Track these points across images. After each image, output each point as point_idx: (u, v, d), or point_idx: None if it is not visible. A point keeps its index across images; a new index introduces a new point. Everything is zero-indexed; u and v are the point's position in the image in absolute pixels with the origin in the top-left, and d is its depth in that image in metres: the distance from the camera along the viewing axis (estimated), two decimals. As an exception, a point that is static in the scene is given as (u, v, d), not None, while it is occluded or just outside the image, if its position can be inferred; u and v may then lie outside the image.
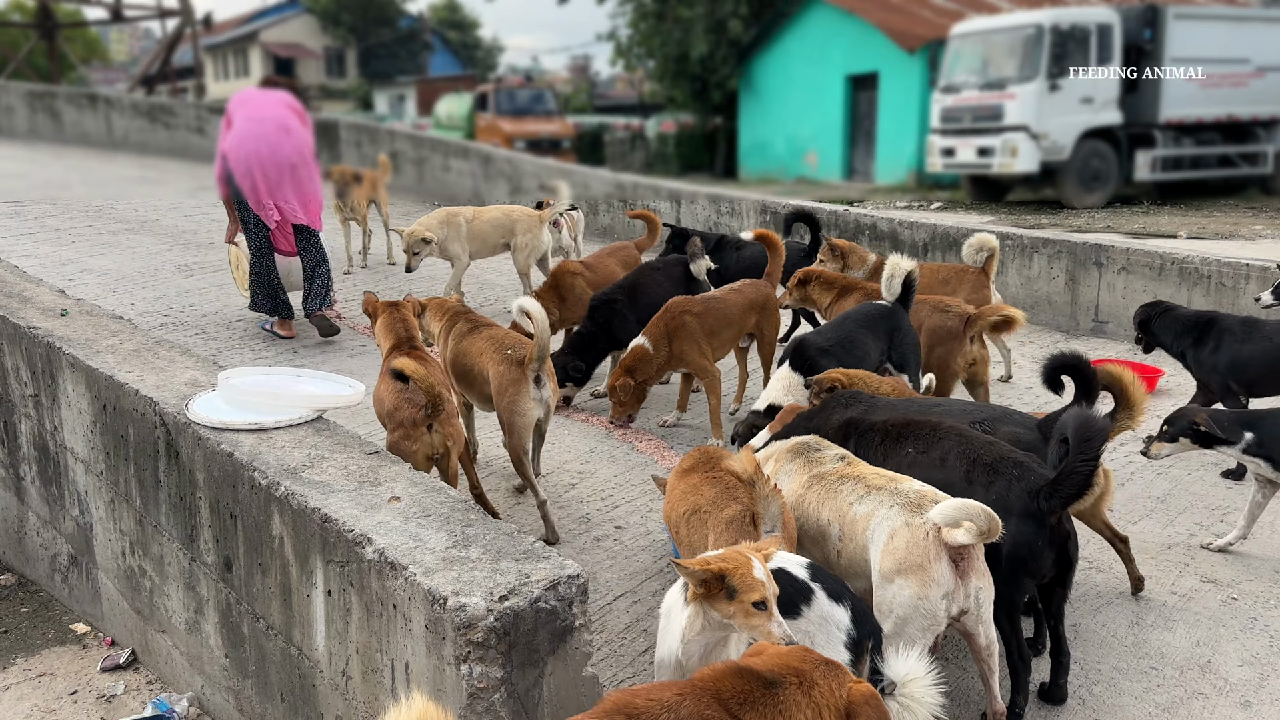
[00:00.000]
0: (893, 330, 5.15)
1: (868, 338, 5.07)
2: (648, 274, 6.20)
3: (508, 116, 27.32)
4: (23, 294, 4.51)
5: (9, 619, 4.34)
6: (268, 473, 2.96)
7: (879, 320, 5.16)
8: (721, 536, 3.07)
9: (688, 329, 5.39)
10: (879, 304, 5.27)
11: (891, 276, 5.20)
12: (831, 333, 5.09)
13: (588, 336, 5.90)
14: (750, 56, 25.70)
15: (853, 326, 5.12)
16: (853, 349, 4.96)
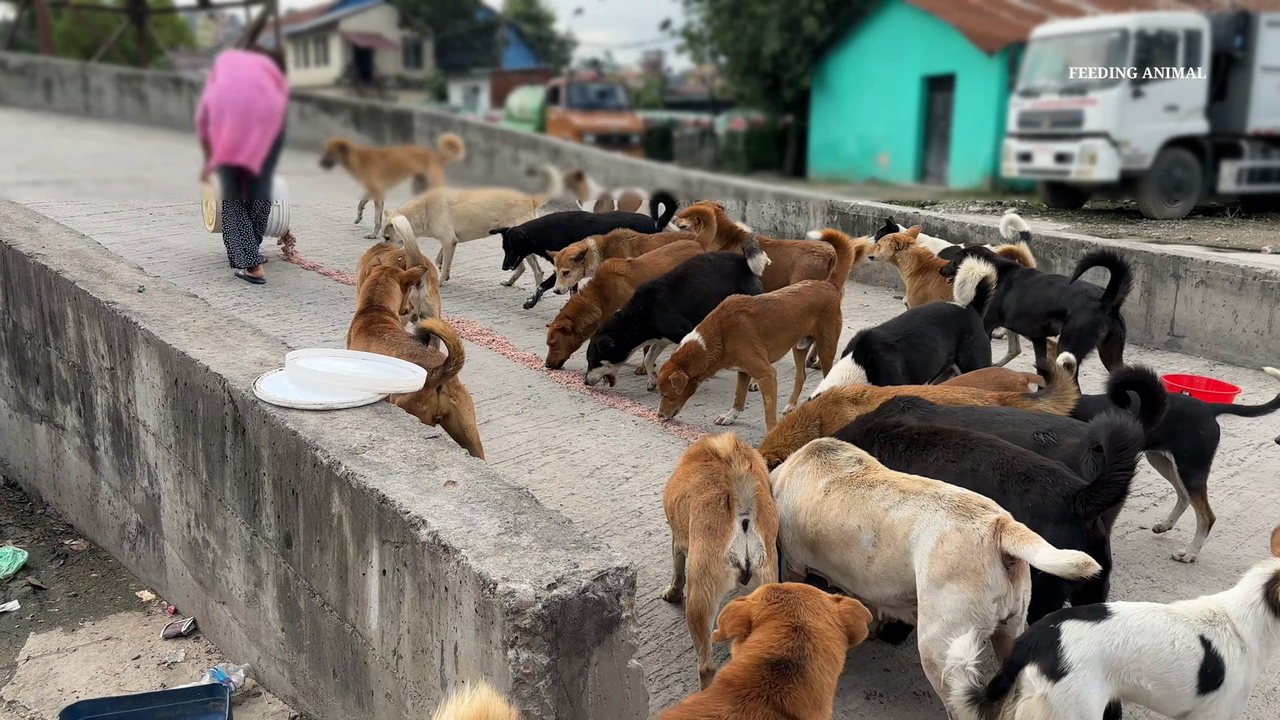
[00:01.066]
0: (963, 332, 5.10)
1: (936, 335, 5.01)
2: (697, 266, 6.18)
3: (579, 110, 27.48)
4: (103, 270, 4.67)
5: (79, 583, 4.50)
6: (329, 452, 3.03)
7: (950, 320, 5.10)
8: (698, 519, 3.12)
9: (741, 328, 5.37)
10: (952, 304, 5.21)
11: (965, 281, 5.15)
12: (899, 327, 5.04)
13: (625, 319, 5.98)
14: (824, 54, 25.46)
15: (922, 322, 5.07)
16: (919, 345, 4.91)
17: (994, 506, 2.91)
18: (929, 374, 4.98)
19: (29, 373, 4.96)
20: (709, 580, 3.04)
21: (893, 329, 5.02)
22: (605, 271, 6.48)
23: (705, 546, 3.07)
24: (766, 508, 3.17)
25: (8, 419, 5.30)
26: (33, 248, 4.84)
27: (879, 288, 9.25)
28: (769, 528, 3.14)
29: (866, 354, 4.79)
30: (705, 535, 3.09)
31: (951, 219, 9.29)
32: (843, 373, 4.80)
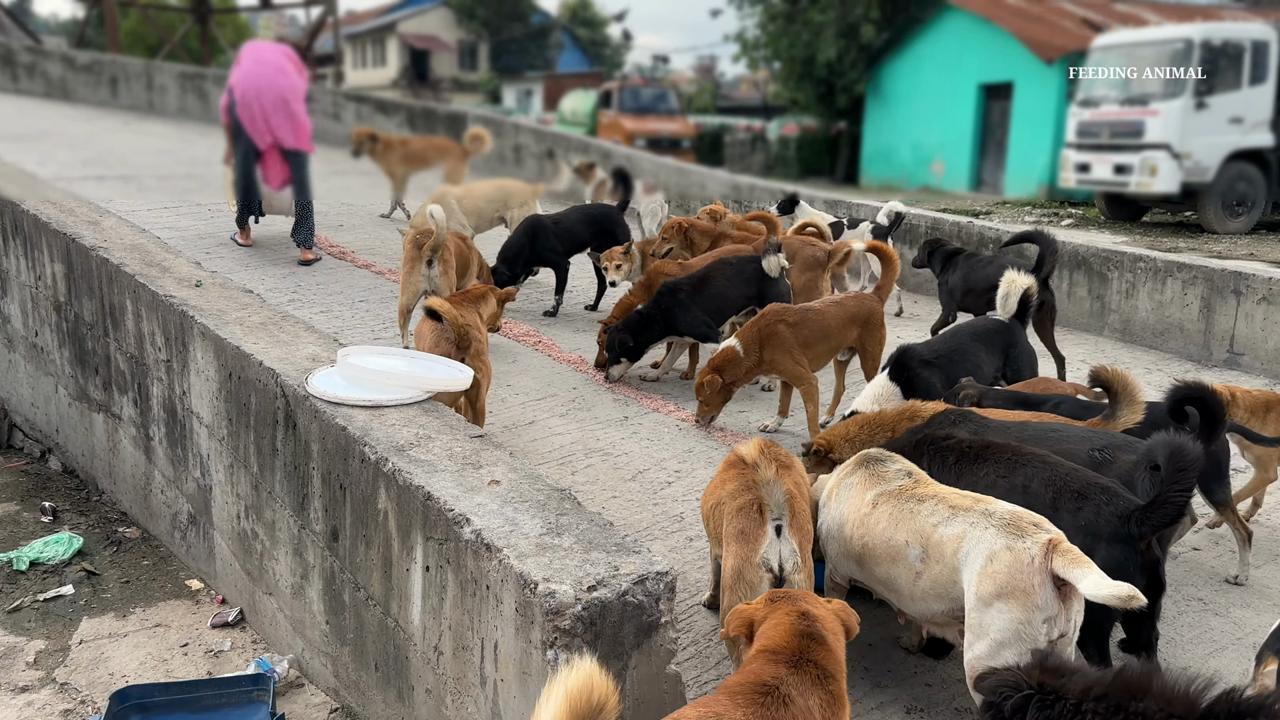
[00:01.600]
0: (1008, 346, 5.01)
1: (980, 351, 4.93)
2: (720, 269, 6.20)
3: (630, 114, 27.53)
4: (162, 264, 4.77)
5: (131, 570, 4.60)
6: (377, 448, 3.06)
7: (994, 335, 5.02)
8: (731, 525, 3.12)
9: (780, 337, 5.34)
10: (995, 319, 5.13)
11: (1007, 294, 5.06)
12: (940, 344, 4.97)
13: (645, 316, 6.01)
14: (880, 61, 25.25)
15: (965, 339, 4.99)
16: (961, 362, 4.83)
17: (1046, 525, 2.86)
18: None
19: (88, 363, 5.08)
20: (743, 585, 3.03)
21: (933, 345, 4.96)
22: (654, 272, 6.50)
23: (738, 552, 3.06)
24: (801, 514, 3.15)
25: (67, 407, 5.44)
26: (95, 241, 4.97)
27: (929, 298, 9.14)
28: (803, 533, 3.12)
29: (903, 371, 4.72)
30: (738, 541, 3.08)
31: (1006, 229, 9.15)
32: (877, 390, 4.73)
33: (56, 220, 5.25)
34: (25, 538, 4.91)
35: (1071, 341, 7.87)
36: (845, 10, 24.89)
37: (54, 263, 5.22)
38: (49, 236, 5.22)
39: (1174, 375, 6.93)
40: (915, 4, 24.35)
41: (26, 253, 5.49)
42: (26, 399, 5.89)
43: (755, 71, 34.01)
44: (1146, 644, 3.17)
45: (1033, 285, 5.09)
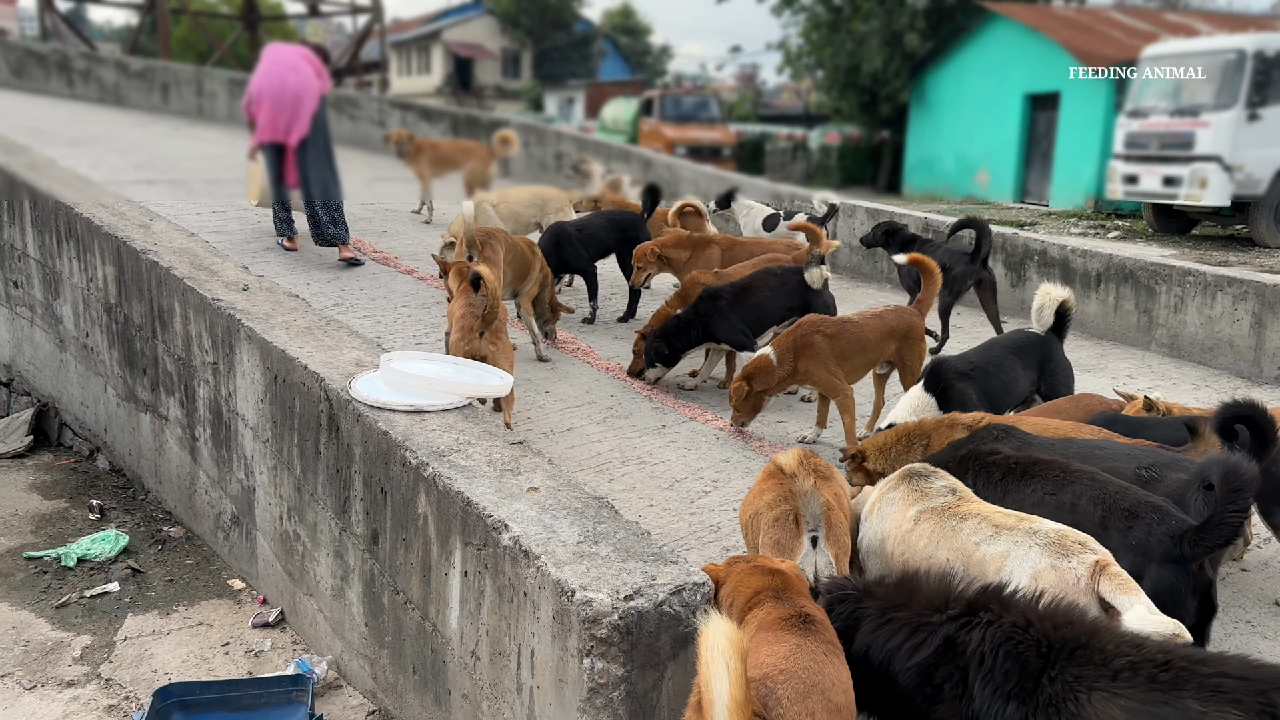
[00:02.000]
0: (1044, 360, 4.96)
1: (1015, 365, 4.87)
2: (762, 278, 6.18)
3: (671, 122, 27.57)
4: (210, 268, 4.85)
5: (175, 569, 4.67)
6: (418, 453, 3.09)
7: (1029, 349, 4.97)
8: (767, 535, 3.13)
9: (815, 349, 5.31)
10: (1031, 332, 5.07)
11: (1042, 307, 5.00)
12: (975, 357, 4.92)
13: (683, 322, 6.01)
14: (924, 70, 25.07)
15: (1000, 352, 4.94)
16: (998, 375, 4.78)
17: (1092, 544, 2.82)
18: (1008, 404, 4.85)
19: (137, 364, 5.18)
20: None
21: (968, 358, 4.92)
22: (691, 281, 6.49)
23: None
24: (838, 526, 3.14)
25: (115, 407, 5.54)
26: (146, 244, 5.06)
27: (972, 308, 9.06)
28: (839, 545, 3.11)
29: (938, 383, 4.67)
30: (774, 551, 3.08)
31: (1052, 241, 9.04)
32: (912, 401, 4.69)
33: (108, 224, 5.36)
34: (73, 534, 5.01)
35: (1117, 356, 7.75)
36: (890, 19, 24.75)
37: (105, 265, 5.32)
38: (101, 239, 5.33)
39: (1223, 392, 6.80)
40: (961, 13, 24.16)
41: (79, 255, 5.61)
42: (76, 398, 6.01)
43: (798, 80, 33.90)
44: None
45: (1070, 298, 5.04)
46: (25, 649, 3.98)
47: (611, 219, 7.75)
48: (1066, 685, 2.11)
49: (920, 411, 4.60)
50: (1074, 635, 2.25)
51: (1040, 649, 2.25)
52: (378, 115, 15.85)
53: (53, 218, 5.80)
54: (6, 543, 4.92)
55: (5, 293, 6.53)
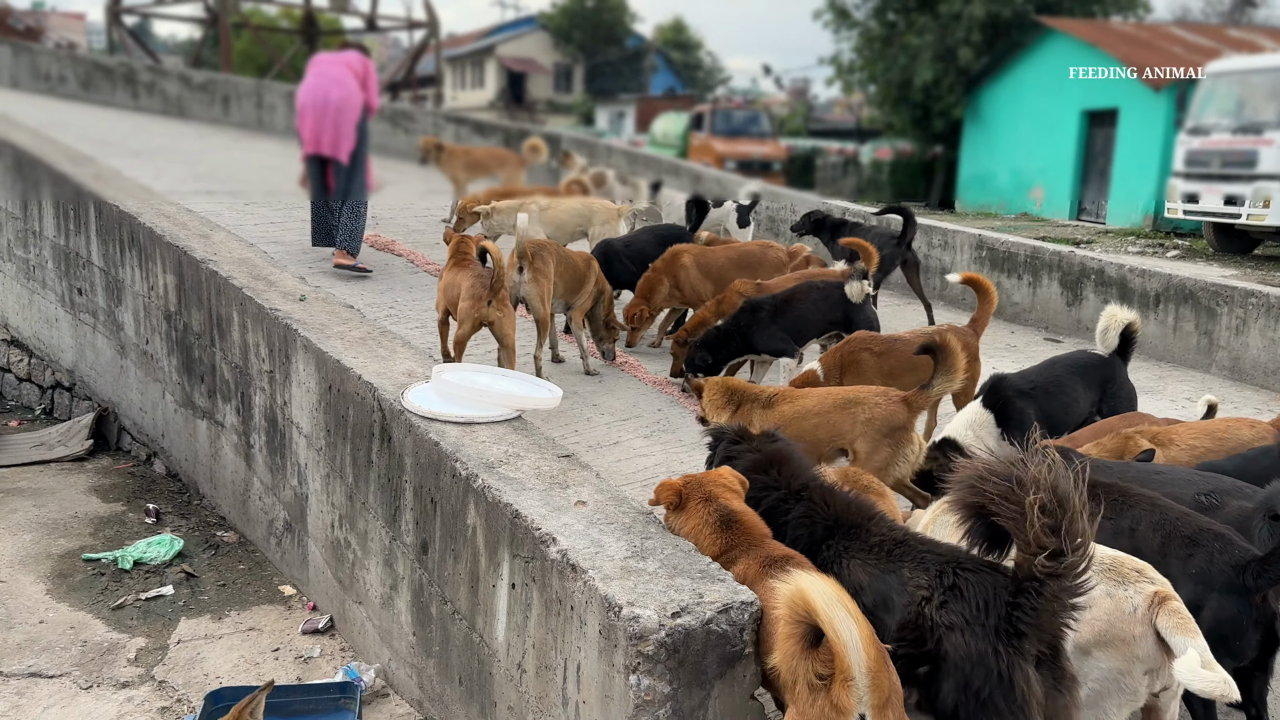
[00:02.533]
0: (1106, 382, 4.87)
1: (1076, 385, 4.80)
2: (805, 291, 6.16)
3: (721, 137, 27.56)
4: (268, 278, 4.94)
5: (228, 574, 4.75)
6: (468, 464, 3.11)
7: (1091, 370, 4.89)
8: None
9: (862, 366, 5.26)
10: (1094, 353, 4.99)
11: (1107, 328, 4.91)
12: (1035, 375, 4.86)
13: (724, 333, 6.01)
14: (978, 85, 24.81)
15: (1061, 371, 4.87)
16: (1057, 394, 4.71)
17: (1149, 573, 2.75)
18: (1068, 425, 4.76)
19: (195, 371, 5.28)
20: None
21: (1028, 376, 4.85)
22: (731, 291, 6.50)
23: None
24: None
25: (173, 413, 5.66)
26: (206, 254, 5.17)
27: (1027, 327, 8.93)
28: None
29: (997, 399, 4.62)
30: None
31: (1109, 259, 8.88)
32: (968, 418, 4.63)
33: (170, 233, 5.49)
34: (130, 537, 5.11)
35: (1176, 378, 7.58)
36: (943, 34, 24.55)
37: (166, 274, 5.44)
38: (162, 249, 5.45)
39: (1287, 416, 6.62)
40: (1016, 28, 23.89)
41: (141, 264, 5.74)
42: (135, 404, 6.15)
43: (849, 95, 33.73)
44: (1257, 701, 3.01)
45: (1136, 321, 4.95)
46: (82, 649, 4.07)
47: (659, 235, 7.77)
48: (836, 553, 2.81)
49: (977, 426, 4.55)
50: (854, 520, 2.88)
51: (827, 525, 2.90)
52: (433, 129, 16.05)
53: (116, 227, 5.95)
54: (66, 544, 5.04)
55: (70, 299, 6.71)
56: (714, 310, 6.42)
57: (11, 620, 4.27)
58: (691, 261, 7.03)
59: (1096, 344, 4.99)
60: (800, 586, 2.11)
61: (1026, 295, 9.08)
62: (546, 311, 5.99)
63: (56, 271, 6.80)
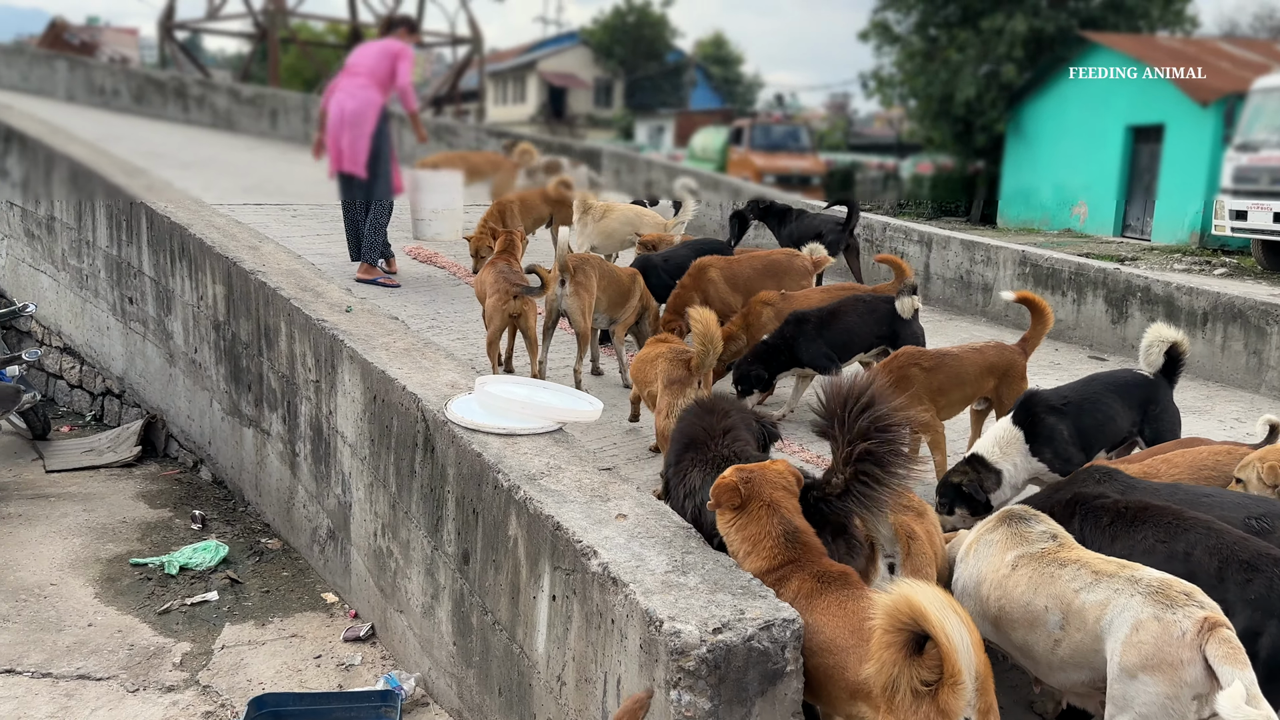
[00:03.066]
0: (1147, 403, 4.76)
1: (1115, 404, 4.70)
2: (851, 304, 6.13)
3: (760, 151, 27.55)
4: (315, 289, 5.02)
5: (272, 580, 4.81)
6: (510, 476, 3.14)
7: (1132, 389, 4.78)
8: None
9: (910, 381, 5.20)
10: (1137, 372, 4.90)
11: (1151, 346, 4.81)
12: (1070, 392, 4.78)
13: (771, 347, 5.99)
14: (1021, 100, 24.61)
15: (1099, 389, 4.78)
16: (1092, 411, 4.61)
17: (1199, 596, 2.70)
18: (1103, 444, 4.67)
19: (242, 380, 5.37)
20: None
21: (1062, 392, 4.77)
22: (756, 301, 6.49)
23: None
24: (918, 555, 3.12)
25: (220, 421, 5.75)
26: (255, 265, 5.26)
27: (1071, 345, 8.82)
28: (918, 575, 3.08)
29: (1027, 415, 4.54)
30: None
31: (1155, 277, 8.75)
32: (999, 433, 4.57)
33: (220, 244, 5.59)
34: (176, 543, 5.20)
35: (1224, 398, 7.45)
36: (985, 49, 24.38)
37: (215, 284, 5.55)
38: (212, 259, 5.56)
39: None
40: (1060, 43, 23.68)
41: (191, 274, 5.85)
42: (183, 411, 6.26)
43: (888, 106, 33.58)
44: None
45: (1183, 341, 4.85)
46: (130, 653, 4.14)
47: (698, 249, 7.78)
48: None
49: (1005, 443, 4.49)
50: (733, 457, 3.20)
51: (718, 465, 3.13)
52: (475, 143, 16.21)
53: (168, 237, 6.07)
54: (115, 548, 5.14)
55: (121, 308, 6.85)
56: (740, 324, 6.40)
57: (62, 623, 4.36)
58: (719, 275, 7.02)
59: (1140, 362, 4.90)
60: (907, 594, 2.13)
61: (1070, 313, 8.98)
62: (587, 325, 6.02)
63: (108, 281, 6.95)
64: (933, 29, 26.68)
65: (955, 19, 25.70)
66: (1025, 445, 4.46)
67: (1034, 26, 24.00)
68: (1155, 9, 25.62)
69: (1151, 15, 25.67)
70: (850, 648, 2.46)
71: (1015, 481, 4.48)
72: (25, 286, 8.13)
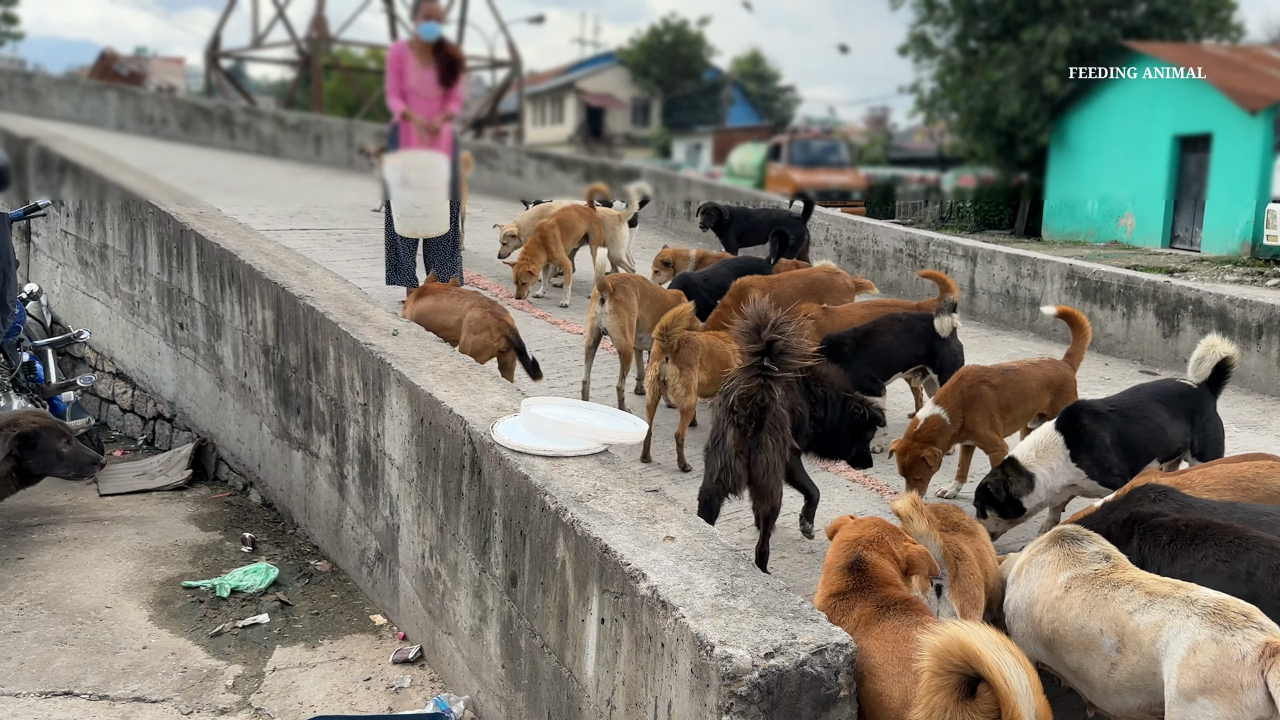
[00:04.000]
0: (1194, 413, 4.71)
1: (1160, 413, 4.65)
2: (888, 324, 6.06)
3: (799, 167, 27.52)
4: (362, 313, 5.07)
5: (321, 602, 4.85)
6: (557, 498, 3.14)
7: (1178, 399, 4.73)
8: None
9: (984, 400, 5.13)
10: (1182, 382, 4.84)
11: (1203, 358, 4.76)
12: (1115, 399, 4.74)
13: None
14: (1065, 112, 24.38)
15: (1144, 397, 4.73)
16: (1138, 420, 4.57)
17: (1258, 617, 2.64)
18: (1150, 453, 4.61)
19: (291, 404, 5.44)
20: None
21: (1109, 400, 4.74)
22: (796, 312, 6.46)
23: None
24: (966, 576, 3.12)
25: (269, 444, 5.83)
26: (303, 290, 5.33)
27: (1121, 360, 8.68)
28: (965, 596, 3.08)
29: (1069, 421, 4.49)
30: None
31: (1207, 290, 8.59)
32: (1038, 438, 4.52)
33: (268, 270, 5.68)
34: (227, 565, 5.26)
35: (1277, 412, 7.29)
36: (1027, 61, 24.18)
37: (265, 309, 5.63)
38: (261, 285, 5.65)
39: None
40: (1103, 54, 23.43)
41: (240, 299, 5.95)
42: (233, 435, 6.35)
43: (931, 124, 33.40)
44: None
45: (1234, 355, 4.80)
46: (183, 675, 4.19)
47: (738, 268, 7.77)
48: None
49: (1043, 448, 4.48)
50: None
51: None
52: (515, 165, 16.36)
53: (217, 264, 6.18)
54: (167, 571, 5.21)
55: (172, 334, 6.98)
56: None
57: (117, 645, 4.42)
58: (760, 294, 7.01)
59: (1188, 373, 4.84)
60: (958, 635, 2.04)
61: (1120, 326, 8.84)
62: (629, 343, 6.03)
63: (160, 307, 7.08)
64: (972, 41, 26.52)
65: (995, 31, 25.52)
66: (1065, 450, 4.46)
67: (1076, 36, 23.75)
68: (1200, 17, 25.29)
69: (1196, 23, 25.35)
70: (895, 676, 2.43)
71: (1051, 486, 4.47)
72: (79, 313, 8.32)
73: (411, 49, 7.76)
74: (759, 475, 3.93)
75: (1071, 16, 24.08)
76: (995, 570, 3.44)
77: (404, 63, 7.71)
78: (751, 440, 3.87)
